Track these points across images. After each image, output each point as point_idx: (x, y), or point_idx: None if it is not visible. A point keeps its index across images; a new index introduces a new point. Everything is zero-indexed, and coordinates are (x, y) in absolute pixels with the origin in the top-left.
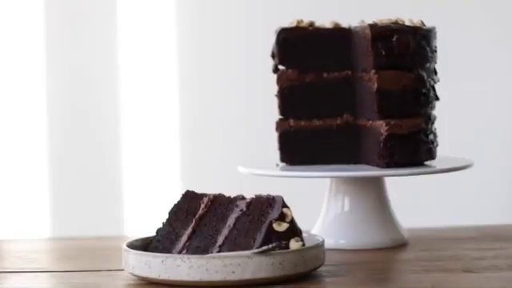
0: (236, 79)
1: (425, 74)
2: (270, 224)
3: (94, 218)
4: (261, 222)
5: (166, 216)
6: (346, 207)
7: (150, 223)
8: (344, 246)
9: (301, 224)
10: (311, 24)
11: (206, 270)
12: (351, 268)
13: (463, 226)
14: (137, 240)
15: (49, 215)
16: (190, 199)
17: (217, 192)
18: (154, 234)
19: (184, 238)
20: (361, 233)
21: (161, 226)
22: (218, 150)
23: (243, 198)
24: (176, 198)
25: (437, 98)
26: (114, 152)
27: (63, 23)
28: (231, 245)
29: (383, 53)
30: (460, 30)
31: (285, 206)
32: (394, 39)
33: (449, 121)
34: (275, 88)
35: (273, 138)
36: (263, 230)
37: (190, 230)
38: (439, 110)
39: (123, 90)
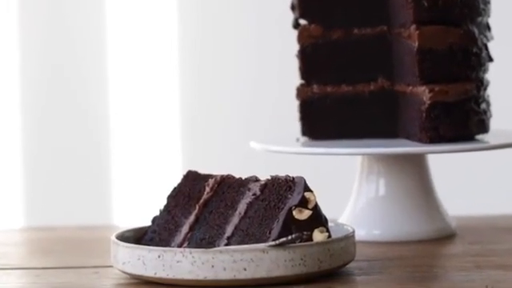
0: (247, 35)
1: (476, 30)
2: (290, 211)
3: (77, 204)
4: (278, 208)
5: (164, 202)
6: (381, 191)
7: (144, 210)
8: (378, 238)
9: (326, 211)
10: None
11: (212, 266)
12: (387, 264)
13: None
14: (128, 230)
15: (22, 202)
16: (192, 181)
17: (225, 173)
18: (148, 223)
19: (185, 228)
20: (399, 222)
21: (157, 213)
22: (225, 121)
23: (257, 179)
24: (176, 179)
25: (490, 59)
26: (100, 126)
27: (60, 20)
28: (242, 236)
29: (426, 4)
30: None
31: (307, 189)
32: None
33: (505, 86)
34: (295, 47)
35: (292, 107)
36: (281, 218)
37: (192, 218)
38: (493, 74)
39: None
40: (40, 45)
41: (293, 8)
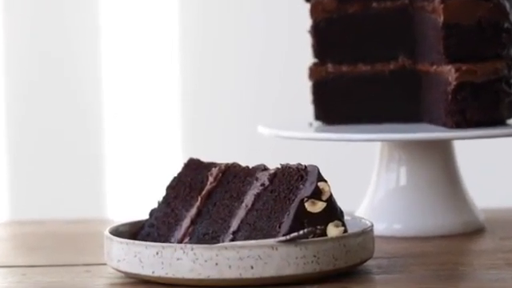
0: (255, 8)
1: (507, 3)
2: (301, 203)
3: (67, 196)
4: (289, 200)
5: (163, 193)
6: (402, 181)
7: (141, 202)
8: (399, 233)
9: (342, 203)
10: None
11: (216, 264)
12: (409, 262)
13: None
14: (123, 225)
15: (6, 193)
16: (194, 170)
17: (229, 161)
18: (146, 216)
19: (186, 221)
20: (422, 215)
21: (155, 206)
22: (230, 104)
23: (265, 168)
24: (175, 168)
25: None
26: (92, 111)
27: (57, 17)
28: (249, 231)
29: None
30: None
31: (321, 179)
32: None
33: None
34: (308, 22)
35: (305, 88)
36: (292, 211)
37: (194, 211)
38: None
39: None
40: (38, 43)
41: None
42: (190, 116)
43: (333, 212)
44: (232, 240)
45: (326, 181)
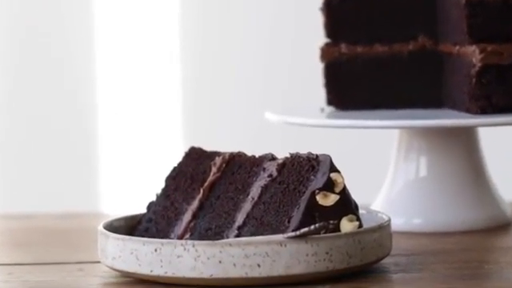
0: None
1: None
2: (312, 196)
3: (57, 188)
4: (299, 192)
5: (162, 184)
6: (422, 172)
7: (138, 195)
8: (419, 228)
9: (356, 196)
10: None
11: (220, 262)
12: (429, 260)
13: None
14: (119, 219)
15: None
16: (195, 160)
17: (234, 149)
18: (143, 210)
19: (187, 216)
20: (443, 209)
21: (154, 198)
22: (234, 88)
23: (273, 157)
24: (176, 158)
25: None
26: (85, 98)
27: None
28: (256, 226)
29: None
30: None
31: (333, 169)
32: None
33: None
34: None
35: (316, 70)
36: (302, 204)
37: (195, 204)
38: None
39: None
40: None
41: None
42: (192, 101)
43: (347, 205)
44: (237, 236)
45: (339, 171)
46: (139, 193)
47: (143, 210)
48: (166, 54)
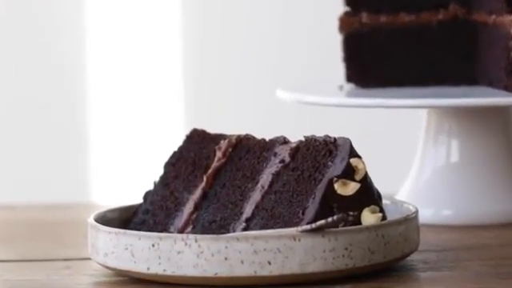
0: None
1: None
2: (330, 184)
3: (43, 176)
4: (314, 180)
5: (160, 171)
6: (454, 157)
7: (133, 183)
8: (450, 221)
9: (379, 184)
10: None
11: (225, 258)
12: (461, 256)
13: None
14: (112, 210)
15: None
16: (198, 144)
17: (242, 132)
18: (139, 200)
19: (189, 206)
20: (478, 199)
21: (151, 187)
22: (242, 63)
23: (285, 141)
24: (176, 141)
25: None
26: (75, 73)
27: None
28: (266, 218)
29: None
30: None
31: (353, 154)
32: None
33: None
34: None
35: (334, 43)
36: (318, 193)
37: (198, 193)
38: None
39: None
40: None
41: None
42: (194, 76)
43: (368, 195)
44: (245, 229)
45: (359, 157)
46: (135, 181)
47: (139, 200)
48: (166, 20)
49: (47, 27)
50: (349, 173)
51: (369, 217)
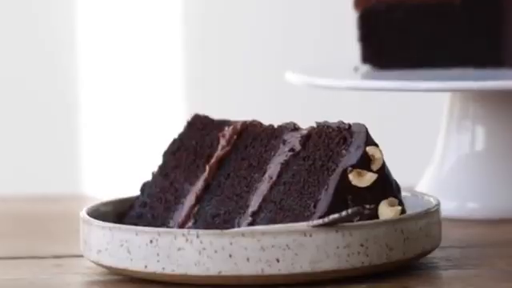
0: None
1: None
2: (344, 174)
3: (33, 166)
4: (327, 170)
5: (159, 161)
6: (478, 145)
7: (129, 174)
8: (475, 214)
9: (398, 175)
10: None
11: (230, 256)
12: (487, 253)
13: None
14: (106, 203)
15: None
16: (200, 130)
17: (247, 118)
18: (136, 192)
19: (190, 199)
20: (504, 190)
21: (149, 178)
22: (248, 43)
23: (295, 127)
24: (176, 127)
25: None
26: (65, 54)
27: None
28: (274, 211)
29: None
30: None
31: (370, 142)
32: None
33: None
34: None
35: (348, 22)
36: (331, 184)
37: (200, 185)
38: None
39: None
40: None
41: None
42: (196, 56)
43: (386, 186)
44: (251, 224)
45: (376, 145)
46: (131, 171)
47: (136, 192)
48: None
49: (45, 20)
50: (365, 162)
51: (386, 210)
